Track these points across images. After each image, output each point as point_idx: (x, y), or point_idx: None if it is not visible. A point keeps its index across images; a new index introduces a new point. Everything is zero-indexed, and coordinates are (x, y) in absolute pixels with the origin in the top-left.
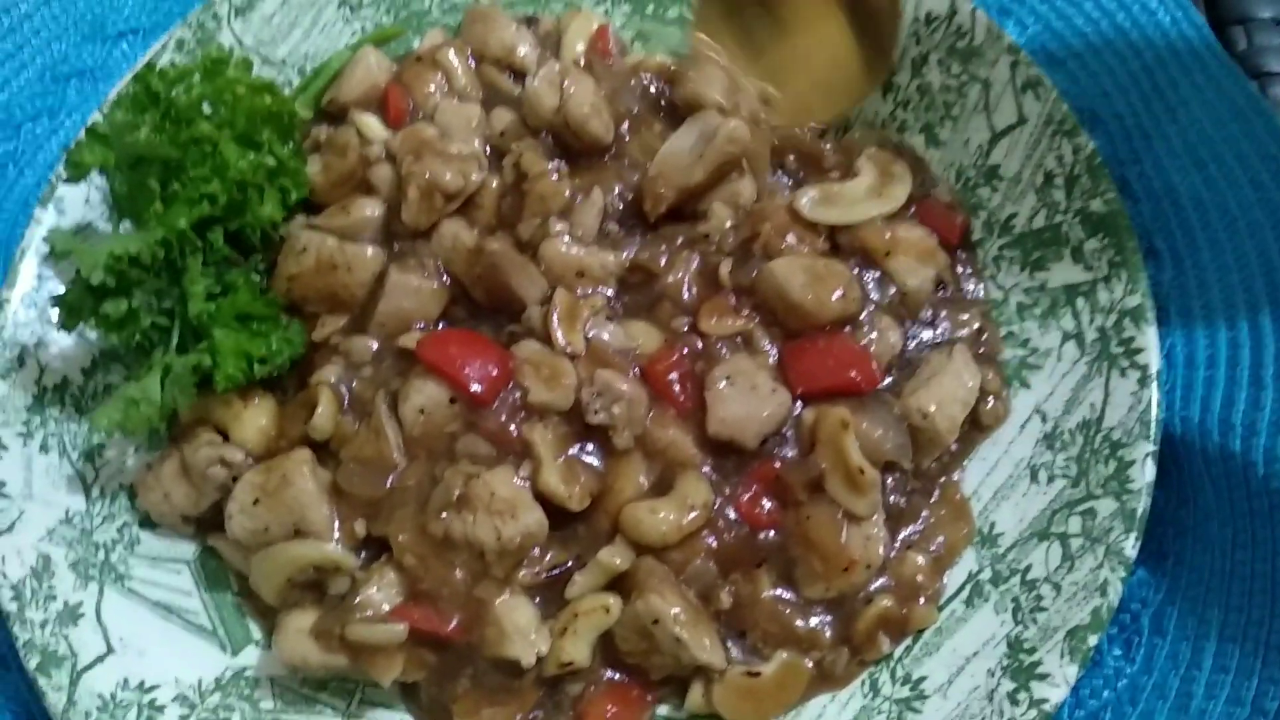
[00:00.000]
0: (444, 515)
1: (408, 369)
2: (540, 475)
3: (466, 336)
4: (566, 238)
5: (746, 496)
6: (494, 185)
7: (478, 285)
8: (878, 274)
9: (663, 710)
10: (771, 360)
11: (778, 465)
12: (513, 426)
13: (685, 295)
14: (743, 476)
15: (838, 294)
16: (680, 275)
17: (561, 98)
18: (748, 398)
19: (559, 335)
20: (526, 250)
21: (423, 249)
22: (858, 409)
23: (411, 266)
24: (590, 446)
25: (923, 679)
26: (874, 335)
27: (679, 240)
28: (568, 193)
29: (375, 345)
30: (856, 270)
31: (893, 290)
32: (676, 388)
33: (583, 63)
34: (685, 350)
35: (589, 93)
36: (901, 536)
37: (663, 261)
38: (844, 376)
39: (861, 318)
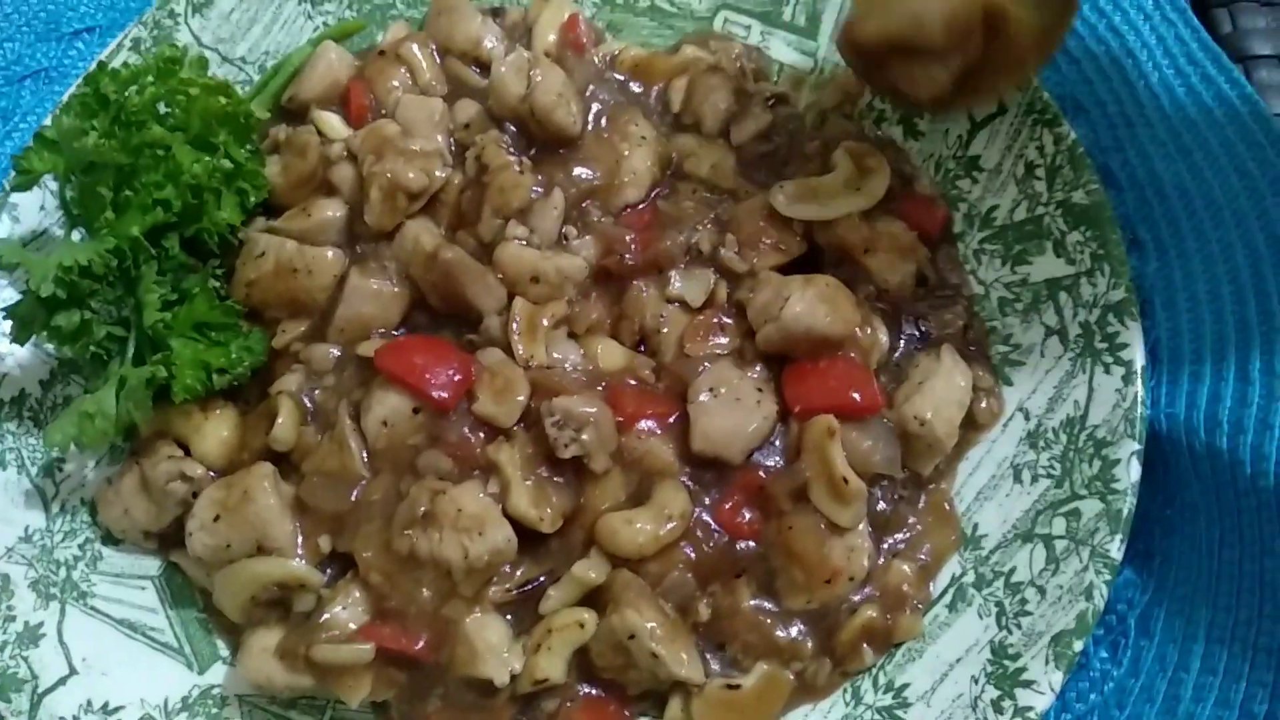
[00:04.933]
0: (409, 532)
1: (370, 378)
2: (510, 498)
3: (428, 343)
4: (522, 241)
5: (727, 506)
6: (456, 181)
7: (434, 292)
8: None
9: None
10: (756, 370)
11: (761, 474)
12: (474, 441)
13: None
14: (724, 486)
15: (851, 304)
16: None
17: (528, 85)
18: (732, 410)
19: (519, 347)
20: (487, 252)
21: (385, 252)
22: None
23: (372, 270)
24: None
25: (905, 686)
26: (862, 337)
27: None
28: (531, 186)
29: (336, 353)
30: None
31: (871, 288)
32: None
33: (553, 54)
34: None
35: (557, 82)
36: (887, 545)
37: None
38: (847, 398)
39: None
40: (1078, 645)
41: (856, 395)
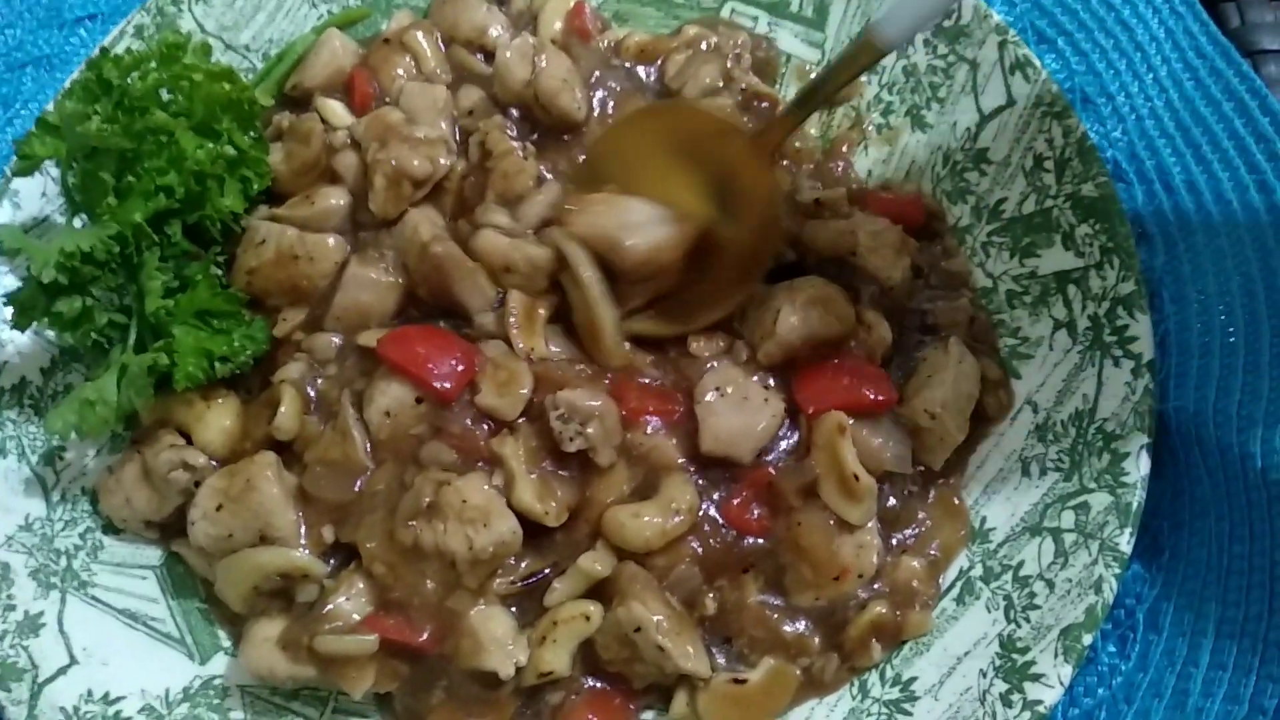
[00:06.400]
0: (413, 523)
1: (372, 368)
2: (514, 492)
3: (431, 333)
4: (499, 230)
5: (735, 501)
6: (460, 168)
7: (423, 284)
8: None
9: (648, 716)
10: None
11: (770, 470)
12: (479, 433)
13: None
14: (731, 482)
15: (843, 299)
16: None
17: (533, 71)
18: (740, 410)
19: (517, 341)
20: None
21: (385, 240)
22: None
23: (371, 259)
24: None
25: (913, 680)
26: (865, 333)
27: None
28: (535, 172)
29: (338, 342)
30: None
31: (874, 288)
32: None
33: (559, 42)
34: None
35: (561, 68)
36: (896, 540)
37: None
38: (860, 395)
39: None
40: (1087, 639)
41: (870, 392)
